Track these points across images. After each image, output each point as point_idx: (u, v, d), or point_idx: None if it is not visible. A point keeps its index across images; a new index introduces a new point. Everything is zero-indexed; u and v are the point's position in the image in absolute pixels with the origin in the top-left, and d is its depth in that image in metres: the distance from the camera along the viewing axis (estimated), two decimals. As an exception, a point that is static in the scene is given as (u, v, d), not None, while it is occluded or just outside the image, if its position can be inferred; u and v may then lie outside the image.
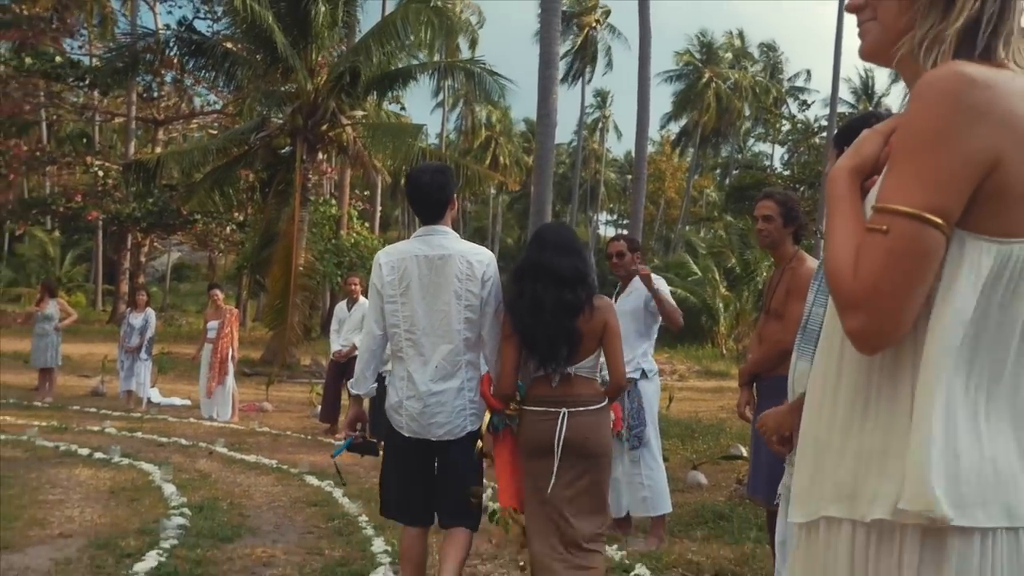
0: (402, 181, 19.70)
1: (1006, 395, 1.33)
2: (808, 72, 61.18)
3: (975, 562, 1.26)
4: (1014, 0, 1.32)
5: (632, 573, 4.86)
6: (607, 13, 50.74)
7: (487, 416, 3.93)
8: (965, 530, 1.25)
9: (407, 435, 3.83)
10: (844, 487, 1.35)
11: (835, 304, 1.34)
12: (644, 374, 5.73)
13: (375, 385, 4.34)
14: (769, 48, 54.61)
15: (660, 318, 5.75)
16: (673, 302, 5.80)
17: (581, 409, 3.75)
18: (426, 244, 3.83)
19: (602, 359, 3.95)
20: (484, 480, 4.06)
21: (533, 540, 3.79)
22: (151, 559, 4.78)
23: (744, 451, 8.80)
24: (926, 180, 1.25)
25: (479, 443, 3.90)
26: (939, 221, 1.24)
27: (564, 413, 3.72)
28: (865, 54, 1.45)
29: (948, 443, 1.26)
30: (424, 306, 3.77)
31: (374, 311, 3.91)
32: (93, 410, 11.55)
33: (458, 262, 3.76)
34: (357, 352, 8.87)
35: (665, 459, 6.01)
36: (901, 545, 1.29)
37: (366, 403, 4.34)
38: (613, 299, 5.98)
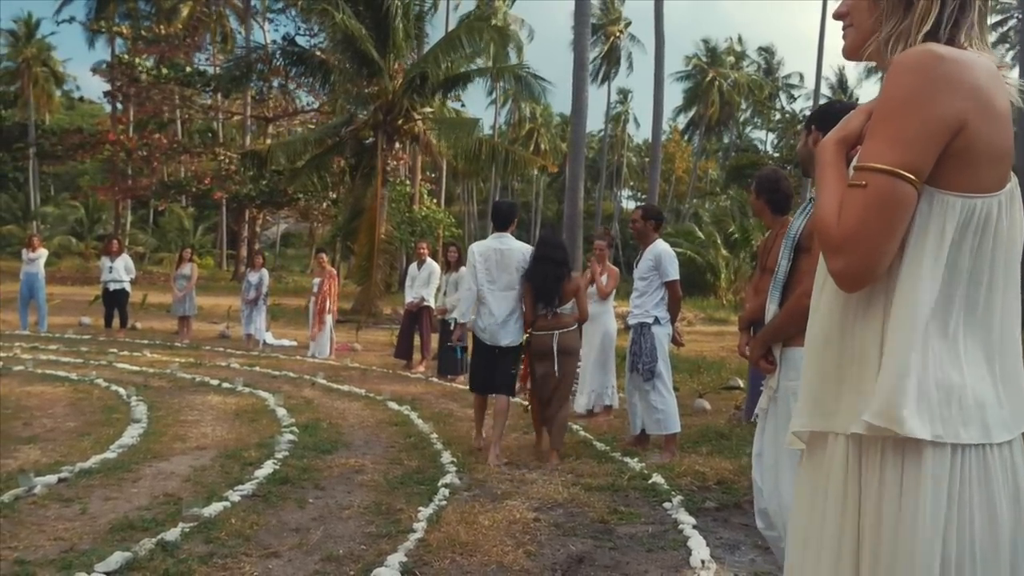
0: (459, 164, 19.70)
1: (980, 330, 1.28)
2: (800, 75, 58.70)
3: (947, 473, 1.21)
4: None
5: (650, 480, 4.85)
6: (628, 24, 49.73)
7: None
8: (940, 445, 1.21)
9: (485, 343, 5.52)
10: (827, 404, 1.33)
11: (822, 250, 1.29)
12: (657, 320, 5.67)
13: (473, 317, 5.67)
14: (766, 51, 53.05)
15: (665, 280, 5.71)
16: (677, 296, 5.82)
17: (564, 331, 5.46)
18: (499, 243, 5.57)
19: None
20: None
21: (538, 398, 5.58)
22: (268, 467, 4.88)
23: (741, 383, 8.71)
24: (898, 141, 1.20)
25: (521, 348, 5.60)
26: (910, 176, 1.20)
27: (556, 334, 5.42)
28: (846, 54, 1.41)
29: (928, 373, 1.22)
30: (499, 274, 5.49)
31: (471, 278, 5.53)
32: (221, 349, 11.74)
33: (516, 253, 5.53)
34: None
35: (676, 389, 5.93)
36: (882, 456, 1.25)
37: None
38: (635, 264, 5.94)
